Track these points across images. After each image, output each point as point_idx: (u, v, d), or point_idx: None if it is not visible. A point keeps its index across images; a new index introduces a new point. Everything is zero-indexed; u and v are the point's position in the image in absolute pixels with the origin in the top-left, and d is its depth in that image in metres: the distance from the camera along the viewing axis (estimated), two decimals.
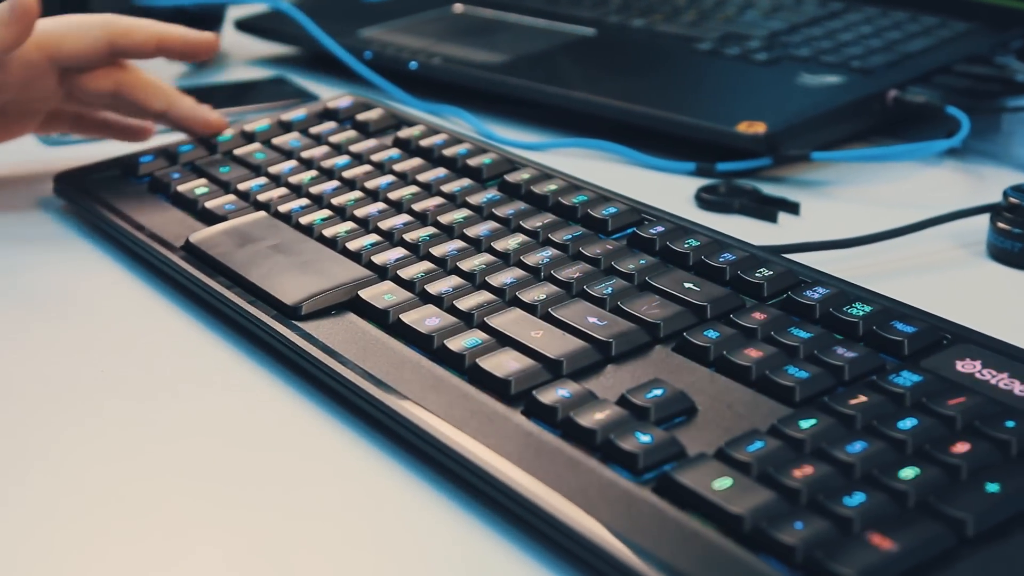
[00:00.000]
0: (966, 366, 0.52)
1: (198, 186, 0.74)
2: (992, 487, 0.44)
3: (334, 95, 0.87)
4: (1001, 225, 0.72)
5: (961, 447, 0.46)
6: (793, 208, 0.79)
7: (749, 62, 0.96)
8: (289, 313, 0.61)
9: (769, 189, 0.82)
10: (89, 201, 0.76)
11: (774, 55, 0.96)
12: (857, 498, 0.44)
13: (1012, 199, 0.72)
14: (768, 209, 0.78)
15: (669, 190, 0.83)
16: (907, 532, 0.43)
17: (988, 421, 0.47)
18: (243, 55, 1.17)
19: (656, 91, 0.92)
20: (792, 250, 0.70)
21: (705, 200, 0.81)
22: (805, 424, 0.48)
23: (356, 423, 0.56)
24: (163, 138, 0.85)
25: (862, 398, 0.50)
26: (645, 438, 0.49)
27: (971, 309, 0.65)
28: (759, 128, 0.84)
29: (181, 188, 0.74)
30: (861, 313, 0.55)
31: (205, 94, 1.00)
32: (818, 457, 0.47)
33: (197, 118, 0.80)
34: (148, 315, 0.66)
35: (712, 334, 0.55)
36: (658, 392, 0.51)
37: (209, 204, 0.72)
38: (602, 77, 0.96)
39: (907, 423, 0.48)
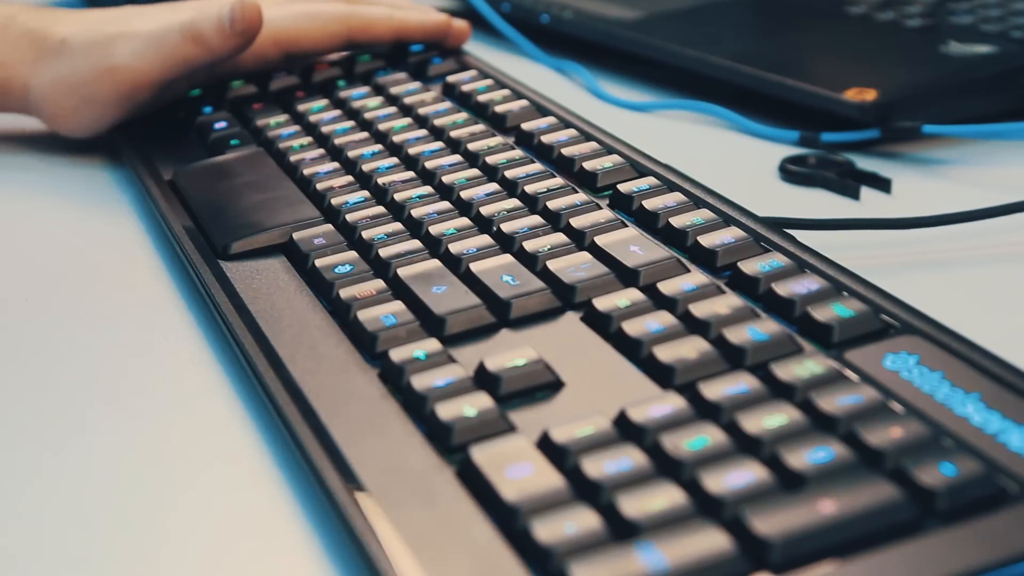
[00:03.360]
0: (897, 361, 0.42)
1: (217, 120, 0.70)
2: (828, 508, 0.35)
3: None
4: None
5: (822, 456, 0.37)
6: (884, 185, 0.69)
7: (897, 28, 0.86)
8: (219, 252, 0.56)
9: (871, 164, 0.72)
10: (132, 133, 0.73)
11: (929, 22, 0.85)
12: (659, 502, 0.36)
13: None
14: (850, 184, 0.68)
15: (764, 159, 0.74)
16: (693, 548, 0.34)
17: (876, 430, 0.38)
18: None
19: (777, 54, 0.83)
20: (836, 226, 0.60)
21: (789, 172, 0.71)
22: (656, 411, 0.40)
23: (237, 374, 0.50)
24: None
25: (742, 386, 0.41)
26: (470, 411, 0.41)
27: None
28: (869, 95, 0.73)
29: (201, 120, 0.70)
30: (804, 292, 0.46)
31: None
32: (650, 451, 0.39)
33: (432, 31, 0.78)
34: (117, 246, 0.63)
35: (623, 303, 0.47)
36: (519, 363, 0.44)
37: (215, 137, 0.68)
38: (729, 38, 0.87)
39: (775, 421, 0.39)
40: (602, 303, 0.47)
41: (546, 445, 0.40)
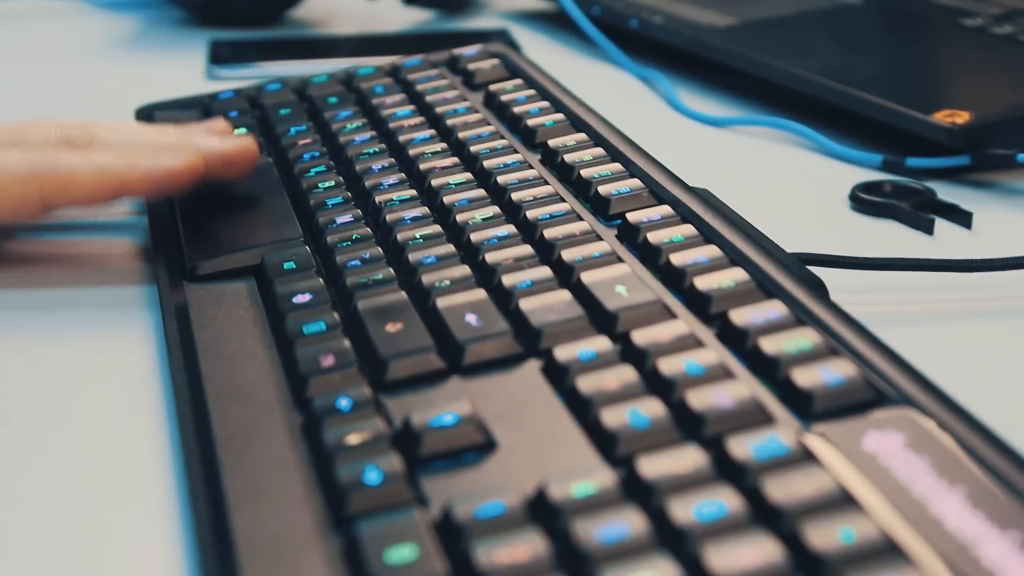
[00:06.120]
0: (880, 441, 0.35)
1: (240, 126, 0.65)
2: None
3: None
4: None
5: (749, 559, 0.31)
6: (964, 219, 0.62)
7: (1014, 42, 0.77)
8: (187, 272, 0.51)
9: (956, 195, 0.64)
10: None
11: None
12: None
13: None
14: (924, 217, 0.61)
15: (839, 184, 0.67)
16: None
17: (824, 531, 0.32)
18: (502, 6, 1.07)
19: (871, 69, 0.75)
20: (867, 266, 0.53)
21: (861, 200, 0.64)
22: (579, 491, 0.34)
23: (171, 409, 0.46)
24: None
25: (686, 465, 0.34)
26: (374, 477, 0.36)
27: None
28: (960, 118, 0.66)
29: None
30: (794, 352, 0.39)
31: (403, 41, 0.92)
32: (559, 538, 0.33)
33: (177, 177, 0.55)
34: (109, 257, 0.58)
35: (585, 354, 0.41)
36: (447, 420, 0.38)
37: None
38: (823, 49, 0.80)
39: (710, 512, 0.33)
40: (563, 352, 0.41)
41: (445, 524, 0.34)
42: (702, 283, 0.44)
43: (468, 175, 0.56)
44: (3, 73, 0.89)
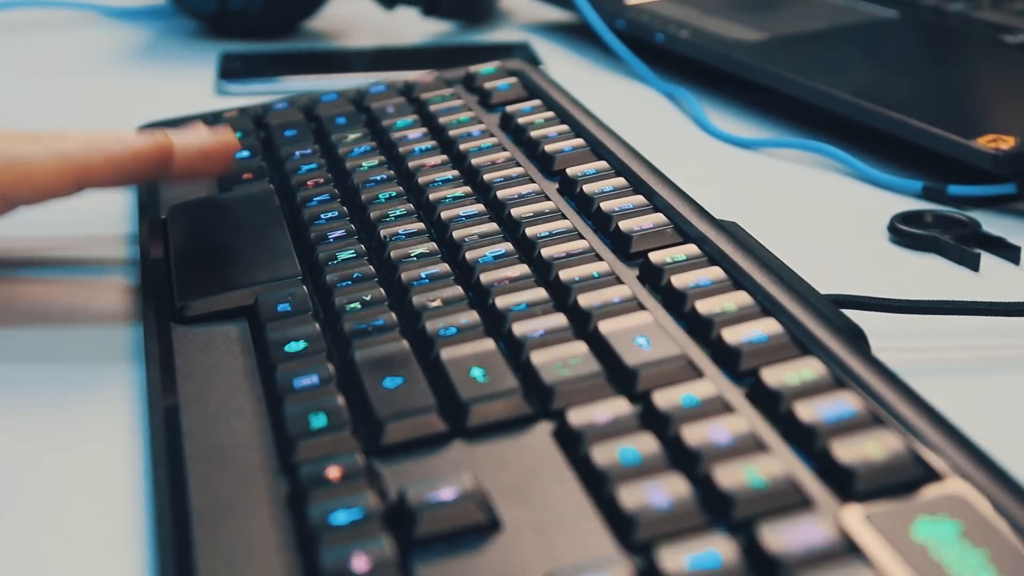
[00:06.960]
0: (932, 530, 0.31)
1: (242, 149, 0.62)
2: None
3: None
4: None
5: None
6: (1011, 254, 0.57)
7: None
8: (175, 313, 0.47)
9: (1002, 226, 0.60)
10: None
11: None
12: None
13: None
14: (969, 252, 0.57)
15: (877, 213, 0.63)
16: None
17: None
18: (523, 18, 1.04)
19: (909, 89, 0.71)
20: (908, 309, 0.49)
21: (900, 232, 0.60)
22: None
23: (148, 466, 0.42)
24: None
25: (712, 557, 0.31)
26: (361, 563, 0.32)
27: None
28: (1005, 143, 0.61)
29: None
30: (834, 420, 0.35)
31: (422, 54, 0.88)
32: None
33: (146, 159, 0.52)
34: (100, 289, 0.55)
35: (601, 418, 0.37)
36: (446, 497, 0.34)
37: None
38: (857, 67, 0.76)
39: None
40: (577, 416, 0.37)
41: None
42: (731, 336, 0.40)
43: (480, 207, 0.52)
44: (9, 82, 0.86)
